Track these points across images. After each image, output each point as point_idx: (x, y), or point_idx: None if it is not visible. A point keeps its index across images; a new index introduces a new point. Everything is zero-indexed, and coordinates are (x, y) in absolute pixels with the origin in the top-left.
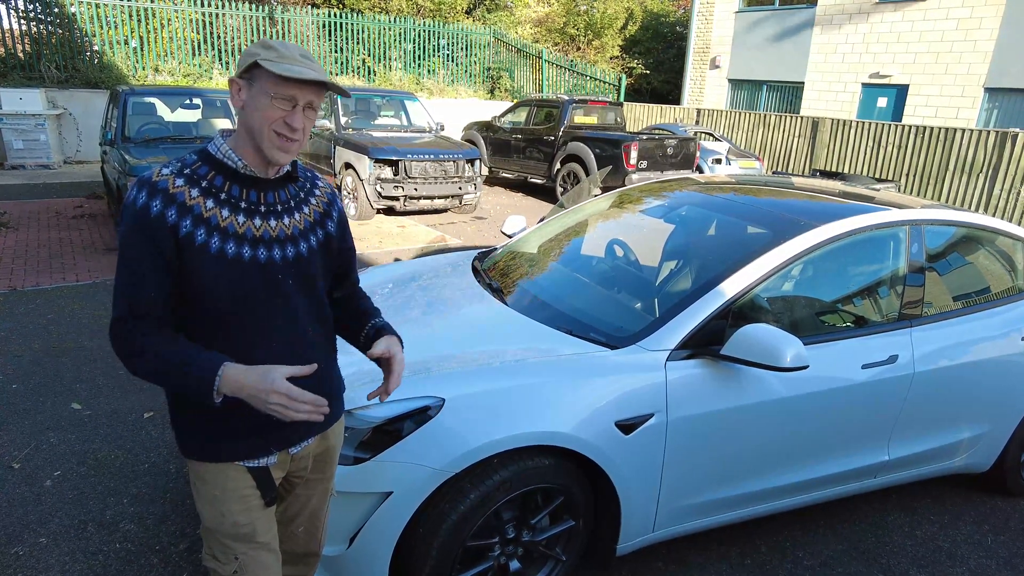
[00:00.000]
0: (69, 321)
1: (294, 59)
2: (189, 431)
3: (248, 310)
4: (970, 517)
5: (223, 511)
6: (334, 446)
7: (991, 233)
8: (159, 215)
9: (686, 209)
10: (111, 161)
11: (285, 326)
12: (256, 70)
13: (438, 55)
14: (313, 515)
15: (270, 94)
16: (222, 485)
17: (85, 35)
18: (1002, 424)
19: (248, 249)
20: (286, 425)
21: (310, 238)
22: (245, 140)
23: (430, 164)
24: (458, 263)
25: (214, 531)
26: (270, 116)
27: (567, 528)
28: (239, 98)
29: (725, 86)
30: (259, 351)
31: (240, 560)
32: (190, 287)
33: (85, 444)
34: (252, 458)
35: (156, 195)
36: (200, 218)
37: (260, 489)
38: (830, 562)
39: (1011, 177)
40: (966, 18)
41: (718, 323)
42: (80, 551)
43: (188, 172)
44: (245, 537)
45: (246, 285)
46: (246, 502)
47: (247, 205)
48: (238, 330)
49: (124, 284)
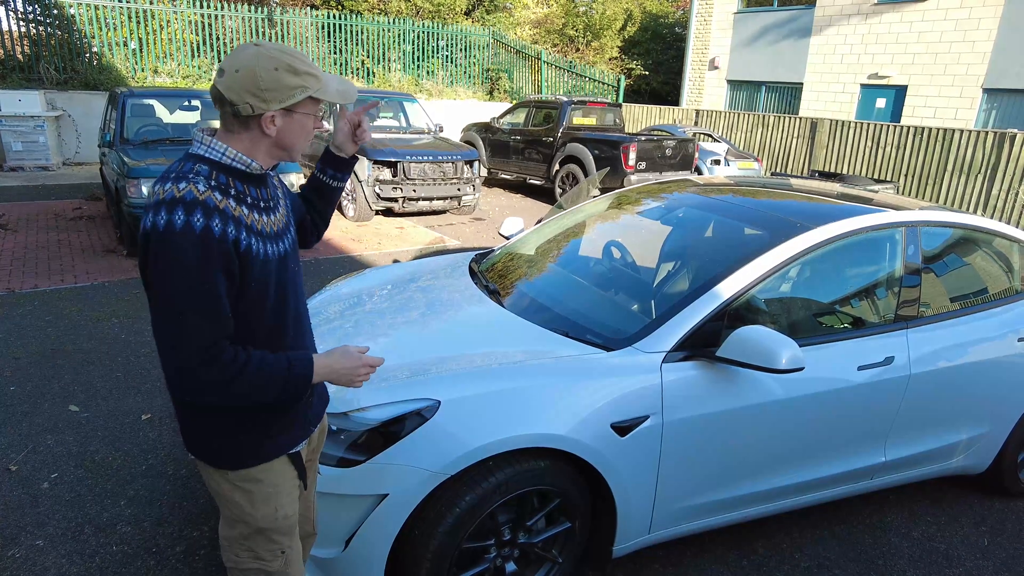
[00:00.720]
0: (67, 323)
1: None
2: (240, 441)
3: (284, 306)
4: (967, 518)
5: (277, 505)
6: (326, 426)
7: (988, 234)
8: (223, 233)
9: (684, 211)
10: (110, 163)
11: (304, 311)
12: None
13: (437, 56)
14: (308, 496)
15: (312, 114)
16: (275, 481)
17: (84, 37)
18: (999, 425)
19: (273, 246)
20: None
21: (291, 222)
22: (267, 150)
23: (429, 165)
24: (455, 265)
25: (266, 530)
26: (311, 132)
27: (563, 530)
28: (273, 127)
29: (724, 87)
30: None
31: (286, 553)
32: (248, 293)
33: (82, 446)
34: (301, 440)
35: (212, 214)
36: (248, 227)
37: (299, 475)
38: (827, 563)
39: (1009, 177)
40: (964, 19)
41: (714, 325)
42: (77, 553)
43: (214, 184)
44: (291, 528)
45: (280, 282)
46: (294, 492)
47: (263, 204)
48: (280, 328)
49: (202, 312)
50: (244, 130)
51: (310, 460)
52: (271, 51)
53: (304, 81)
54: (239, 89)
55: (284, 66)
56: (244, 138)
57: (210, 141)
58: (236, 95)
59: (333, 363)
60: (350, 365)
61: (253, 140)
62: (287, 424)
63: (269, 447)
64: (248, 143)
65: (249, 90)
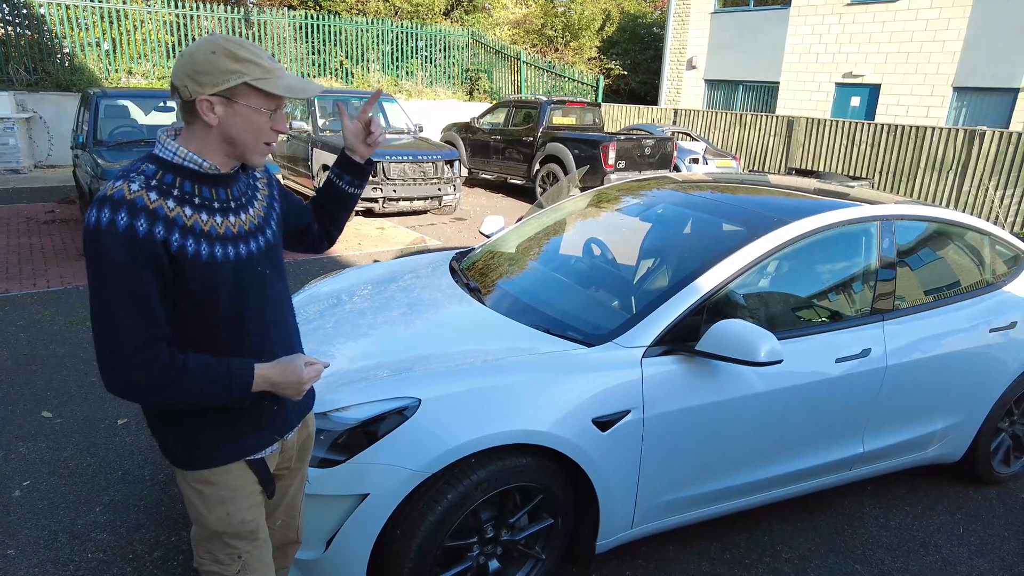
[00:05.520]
0: (40, 328)
1: (280, 72)
2: (195, 440)
3: (244, 308)
4: (943, 506)
5: (230, 511)
6: (312, 433)
7: (960, 228)
8: (147, 234)
9: (663, 207)
10: (83, 165)
11: (274, 316)
12: (241, 87)
13: (416, 57)
14: (291, 504)
15: (262, 110)
16: (230, 485)
17: (55, 37)
18: (973, 414)
19: (231, 248)
20: (281, 413)
21: (271, 222)
22: (215, 146)
23: (409, 165)
24: (436, 264)
25: (220, 533)
26: (264, 130)
27: (546, 526)
28: (214, 116)
29: (702, 86)
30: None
31: (243, 559)
32: (188, 299)
33: (56, 453)
34: (263, 449)
35: (138, 215)
36: (185, 228)
37: (262, 483)
38: (808, 555)
39: (979, 173)
40: (935, 19)
41: (693, 319)
42: (50, 562)
43: (155, 184)
44: (250, 534)
45: (239, 284)
46: (252, 498)
47: (219, 204)
48: (240, 331)
49: (131, 312)
50: (193, 121)
51: (287, 468)
52: (218, 38)
53: (243, 67)
54: (179, 72)
55: (223, 51)
56: (196, 133)
57: (166, 141)
58: (177, 78)
59: (274, 376)
60: (293, 379)
61: (203, 135)
62: (244, 429)
63: (224, 451)
64: (200, 139)
65: (186, 72)
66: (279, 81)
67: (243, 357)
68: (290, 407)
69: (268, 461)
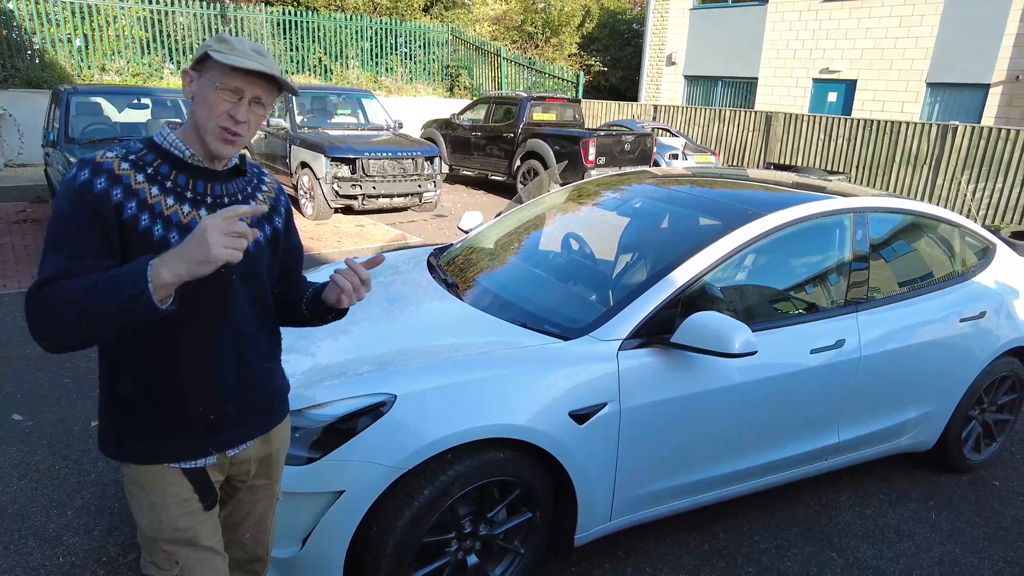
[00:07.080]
0: (10, 330)
1: (245, 52)
2: (124, 431)
3: (191, 304)
4: (916, 494)
5: (162, 517)
6: (278, 449)
7: (932, 220)
8: (103, 192)
9: (640, 202)
10: (54, 164)
11: (230, 323)
12: (207, 62)
13: (396, 53)
14: (260, 521)
15: (217, 85)
16: (160, 490)
17: (25, 33)
18: (944, 403)
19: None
20: (223, 426)
21: (258, 233)
22: (193, 132)
23: (388, 162)
24: (414, 259)
25: (154, 538)
26: (217, 108)
27: (525, 521)
28: (190, 89)
29: (681, 82)
30: (205, 349)
31: (182, 565)
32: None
33: (27, 456)
34: (191, 459)
35: (101, 174)
36: (144, 203)
37: (198, 493)
38: (785, 544)
39: (952, 167)
40: (908, 16)
41: (669, 312)
42: (20, 567)
43: (133, 158)
44: (187, 542)
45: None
46: (186, 506)
47: (192, 195)
48: (181, 329)
49: (58, 251)
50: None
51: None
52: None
53: (215, 43)
54: None
55: (217, 36)
56: (187, 121)
57: (164, 129)
58: None
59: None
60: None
61: (188, 118)
62: (168, 432)
63: (150, 449)
64: (187, 127)
65: None
66: (230, 55)
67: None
68: (236, 421)
69: (210, 472)
